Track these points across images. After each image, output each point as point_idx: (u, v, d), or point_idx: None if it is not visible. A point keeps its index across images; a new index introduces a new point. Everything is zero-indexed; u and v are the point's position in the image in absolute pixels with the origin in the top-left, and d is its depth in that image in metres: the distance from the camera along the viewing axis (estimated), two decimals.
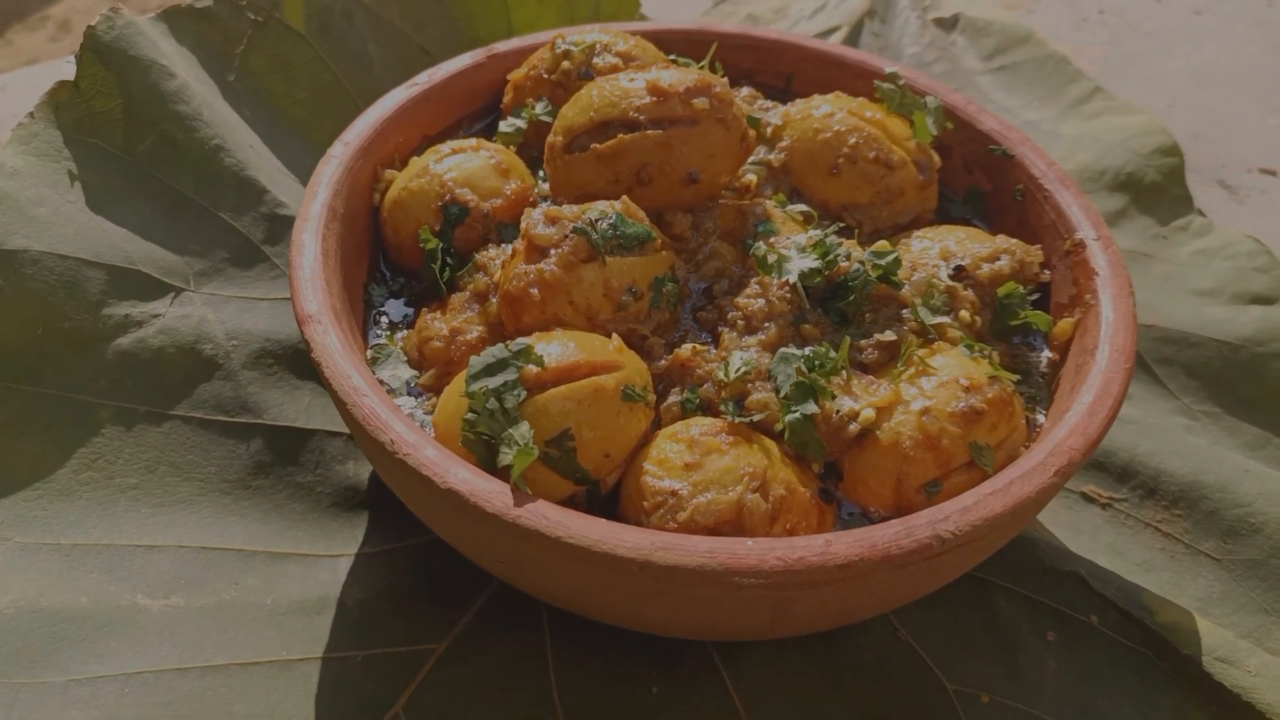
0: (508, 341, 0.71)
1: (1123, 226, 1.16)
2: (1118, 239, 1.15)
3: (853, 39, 1.35)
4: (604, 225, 0.78)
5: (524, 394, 0.70)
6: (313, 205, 0.83)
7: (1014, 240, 0.90)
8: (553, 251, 0.77)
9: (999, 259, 0.87)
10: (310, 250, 0.80)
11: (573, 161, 0.85)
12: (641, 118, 0.83)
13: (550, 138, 0.87)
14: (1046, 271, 0.90)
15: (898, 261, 0.81)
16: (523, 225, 0.79)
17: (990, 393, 0.76)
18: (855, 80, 1.02)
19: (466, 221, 0.87)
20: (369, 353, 0.84)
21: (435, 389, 0.82)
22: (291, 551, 0.84)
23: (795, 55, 1.04)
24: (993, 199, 0.97)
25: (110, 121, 0.91)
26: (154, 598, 0.77)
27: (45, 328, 0.83)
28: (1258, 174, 1.36)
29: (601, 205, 0.80)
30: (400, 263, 0.91)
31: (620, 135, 0.83)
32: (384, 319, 0.88)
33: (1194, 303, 1.09)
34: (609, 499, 0.74)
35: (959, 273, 0.86)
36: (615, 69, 0.93)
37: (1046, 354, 0.86)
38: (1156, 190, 1.17)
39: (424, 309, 0.86)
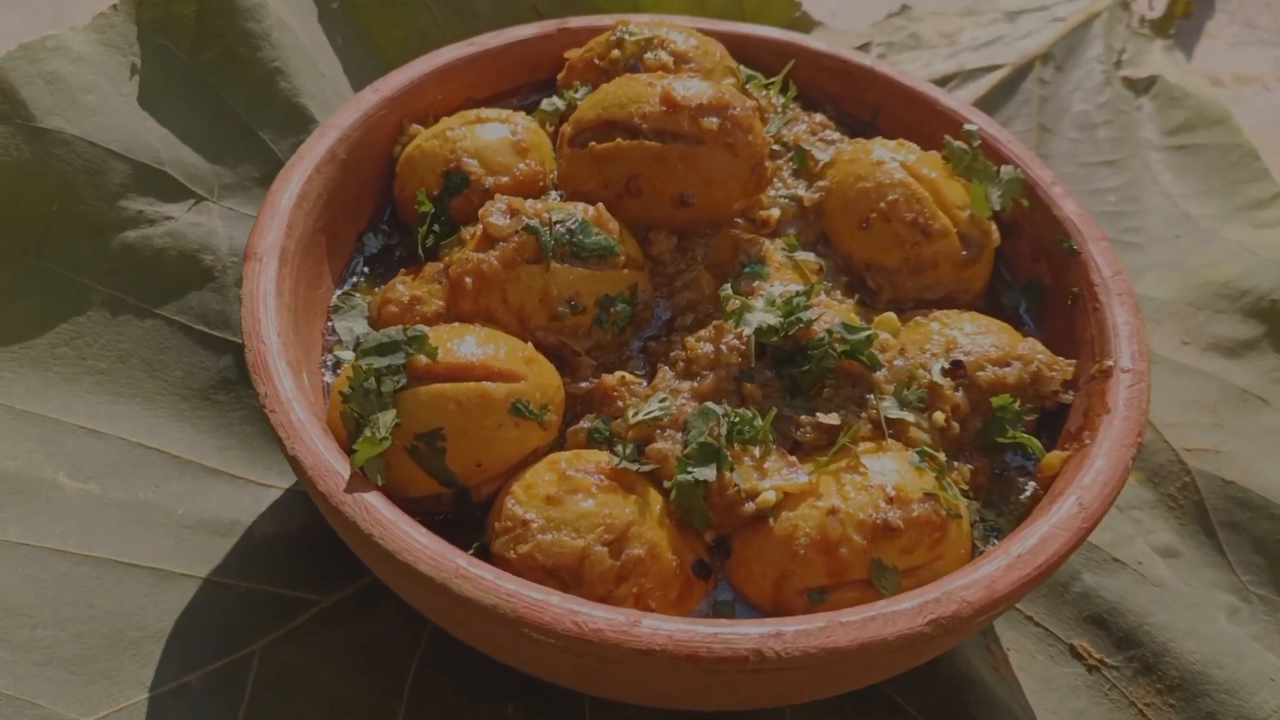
0: (406, 327, 0.71)
1: (1245, 360, 1.02)
2: (1233, 374, 1.01)
3: (1013, 82, 1.24)
4: (562, 229, 0.76)
5: (403, 381, 0.70)
6: (314, 146, 0.86)
7: (1041, 349, 0.81)
8: (499, 244, 0.76)
9: (1009, 365, 0.79)
10: (290, 190, 0.82)
11: (573, 156, 0.83)
12: (645, 125, 0.80)
13: (564, 126, 0.85)
14: (1070, 393, 0.80)
15: (869, 339, 0.75)
16: (481, 210, 0.78)
17: (916, 510, 0.69)
18: (943, 129, 0.94)
19: (465, 193, 0.87)
20: (334, 299, 0.86)
21: None
22: (223, 470, 0.88)
23: (885, 89, 0.97)
24: (1050, 296, 0.88)
25: (182, 26, 0.97)
26: (74, 479, 0.83)
27: (61, 206, 0.89)
28: None
29: (572, 208, 0.78)
30: (404, 219, 0.92)
31: (619, 139, 0.80)
32: (366, 271, 0.90)
33: None
34: (485, 508, 0.73)
35: (955, 369, 0.79)
36: (664, 68, 0.90)
37: (1034, 484, 0.77)
38: None
39: (400, 270, 0.87)
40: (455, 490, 0.72)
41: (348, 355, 0.83)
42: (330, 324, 0.85)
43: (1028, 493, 0.78)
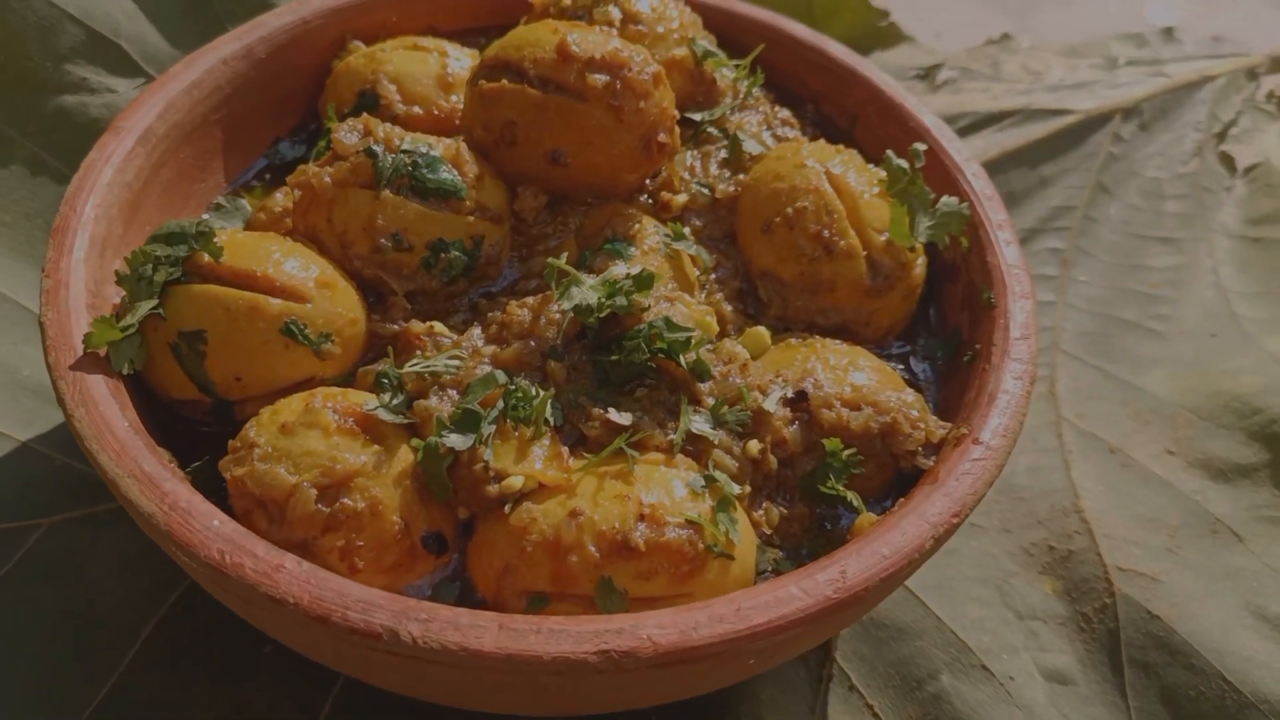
0: (201, 220, 0.70)
1: (1233, 487, 0.89)
2: (1212, 499, 0.88)
3: (1082, 132, 1.12)
4: (406, 159, 0.73)
5: (178, 275, 0.68)
6: (231, 38, 0.86)
7: (913, 403, 0.72)
8: (338, 162, 0.74)
9: (859, 409, 0.71)
10: (186, 76, 0.83)
11: (467, 95, 0.80)
12: (532, 71, 0.76)
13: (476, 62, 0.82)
14: (930, 460, 0.71)
15: (688, 343, 0.69)
16: (333, 125, 0.76)
17: (669, 535, 0.63)
18: (910, 143, 0.86)
19: (374, 115, 0.85)
20: (220, 198, 0.86)
21: None
22: None
23: (865, 95, 0.89)
24: (961, 353, 0.78)
25: None
26: None
27: (6, 57, 0.93)
28: None
29: (430, 141, 0.75)
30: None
31: (505, 81, 0.76)
32: (268, 178, 0.89)
33: (1244, 626, 0.81)
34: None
35: (797, 400, 0.71)
36: (608, 23, 0.86)
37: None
38: None
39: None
40: (214, 400, 0.70)
41: None
42: (206, 216, 0.85)
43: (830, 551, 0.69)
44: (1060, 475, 0.92)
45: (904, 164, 0.79)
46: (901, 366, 0.81)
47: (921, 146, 0.80)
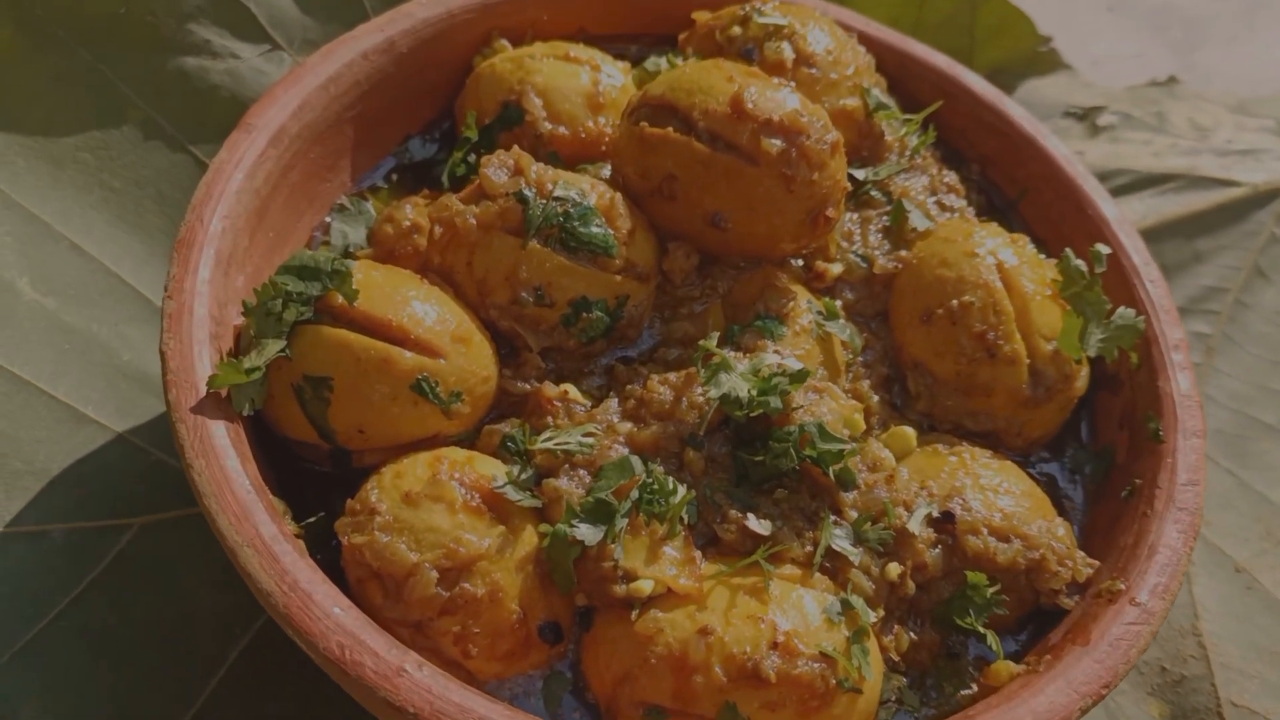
0: (337, 259, 0.66)
1: None
2: None
3: (1246, 208, 1.06)
4: (558, 208, 0.69)
5: (308, 314, 0.65)
6: (373, 30, 0.81)
7: (1062, 535, 0.69)
8: (484, 201, 0.70)
9: (1008, 540, 0.67)
10: (323, 68, 0.78)
11: (624, 131, 0.75)
12: (702, 123, 0.71)
13: (633, 96, 0.77)
14: (1075, 599, 0.68)
15: (840, 454, 0.65)
16: (484, 158, 0.71)
17: (800, 668, 0.60)
18: (1087, 238, 0.81)
19: (516, 131, 0.81)
20: (344, 198, 0.82)
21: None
22: None
23: (1041, 170, 0.84)
24: (1116, 476, 0.75)
25: None
26: (35, 289, 0.83)
27: (129, 9, 0.89)
28: None
29: (584, 187, 0.71)
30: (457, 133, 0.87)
31: (671, 128, 0.72)
32: (395, 178, 0.85)
33: None
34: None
35: (943, 521, 0.68)
36: (779, 65, 0.80)
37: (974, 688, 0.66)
38: None
39: (424, 190, 0.82)
40: (333, 447, 0.67)
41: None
42: (329, 220, 0.81)
43: (969, 691, 0.67)
44: (1181, 589, 0.88)
45: (1083, 266, 0.74)
46: (1044, 476, 0.77)
47: (1104, 249, 0.75)
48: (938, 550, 0.67)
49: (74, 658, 0.72)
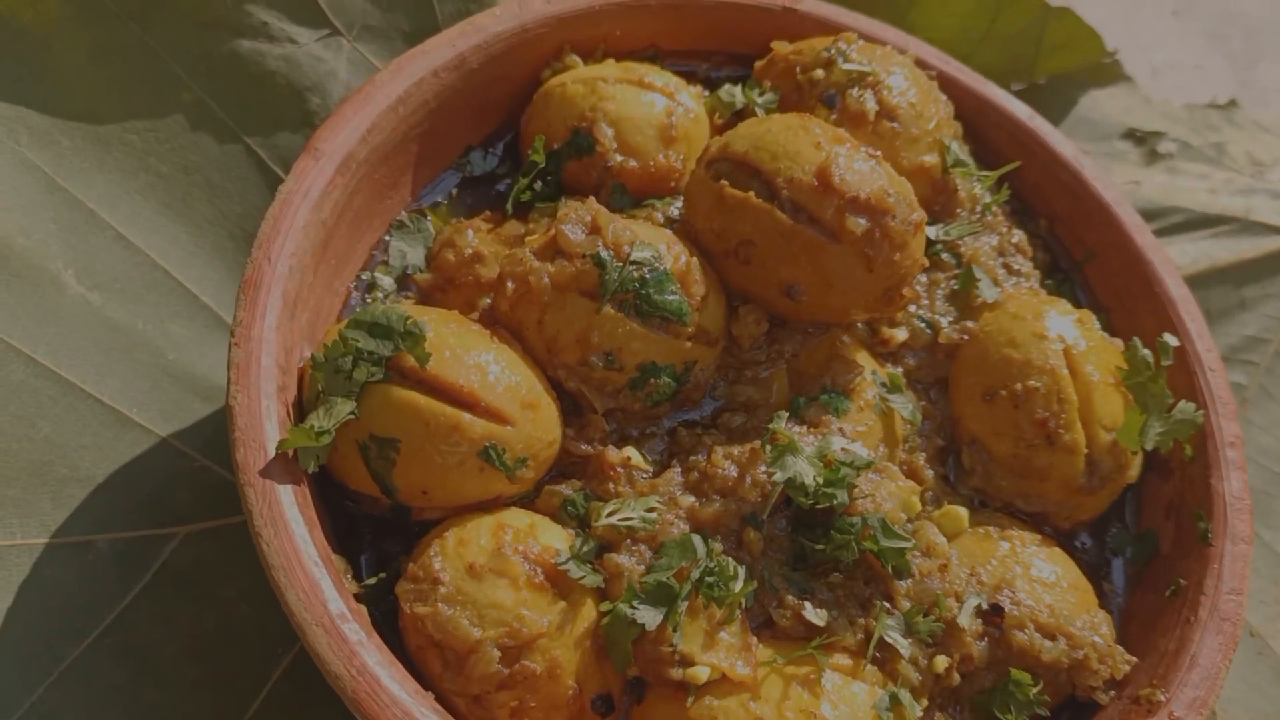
0: (410, 318, 0.65)
1: None
2: None
3: None
4: (634, 273, 0.68)
5: (379, 375, 0.65)
6: (444, 46, 0.79)
7: (1104, 631, 0.70)
8: (559, 260, 0.69)
9: (1054, 639, 0.69)
10: (393, 89, 0.76)
11: (701, 181, 0.74)
12: (786, 192, 0.70)
13: (713, 139, 0.75)
14: (1110, 694, 0.70)
15: (900, 551, 0.66)
16: (561, 212, 0.70)
17: None
18: (1152, 316, 0.81)
19: (585, 160, 0.80)
20: (404, 214, 0.81)
21: (426, 291, 0.78)
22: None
23: (1111, 237, 0.83)
24: (1158, 567, 0.76)
25: None
26: (79, 282, 0.82)
27: None
28: None
29: (660, 250, 0.70)
30: (522, 153, 0.85)
31: (753, 192, 0.70)
32: (454, 193, 0.84)
33: None
34: (425, 527, 0.69)
35: (990, 615, 0.69)
36: (860, 116, 0.79)
37: None
38: None
39: (486, 210, 0.81)
40: (394, 503, 0.67)
41: (386, 282, 0.78)
42: (388, 238, 0.80)
43: None
44: None
45: (1149, 357, 0.74)
46: (1085, 550, 0.78)
47: (1173, 341, 0.75)
48: (984, 642, 0.69)
49: (119, 674, 0.74)
